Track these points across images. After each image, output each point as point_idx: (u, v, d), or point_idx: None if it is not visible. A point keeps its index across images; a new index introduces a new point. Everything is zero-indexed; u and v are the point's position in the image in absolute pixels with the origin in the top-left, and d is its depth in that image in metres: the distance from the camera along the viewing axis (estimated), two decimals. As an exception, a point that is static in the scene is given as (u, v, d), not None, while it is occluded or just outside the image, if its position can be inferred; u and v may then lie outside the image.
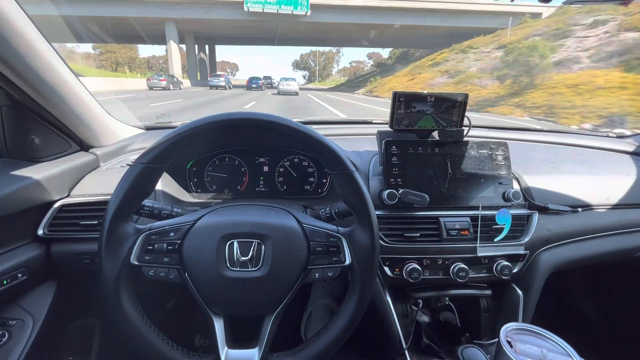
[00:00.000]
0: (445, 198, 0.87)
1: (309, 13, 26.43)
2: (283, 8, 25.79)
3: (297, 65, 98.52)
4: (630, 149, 1.23)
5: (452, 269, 0.84)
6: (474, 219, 0.86)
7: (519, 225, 0.89)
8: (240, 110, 0.60)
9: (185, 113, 9.02)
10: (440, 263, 0.85)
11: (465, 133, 0.88)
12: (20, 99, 0.76)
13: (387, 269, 0.85)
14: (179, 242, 0.60)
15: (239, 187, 1.05)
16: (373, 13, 26.53)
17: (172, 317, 1.25)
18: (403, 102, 0.85)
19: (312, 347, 0.63)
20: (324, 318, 1.20)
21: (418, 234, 0.85)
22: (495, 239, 0.86)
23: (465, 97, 0.86)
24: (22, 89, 0.73)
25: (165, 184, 0.92)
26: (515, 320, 0.88)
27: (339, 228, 0.64)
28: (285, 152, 1.05)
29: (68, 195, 0.86)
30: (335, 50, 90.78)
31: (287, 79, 21.35)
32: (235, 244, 0.60)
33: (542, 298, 0.92)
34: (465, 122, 0.89)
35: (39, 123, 0.83)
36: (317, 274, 0.63)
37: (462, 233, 0.85)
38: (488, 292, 0.95)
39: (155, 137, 0.59)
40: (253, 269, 0.59)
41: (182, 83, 23.12)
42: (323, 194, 1.06)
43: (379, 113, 10.63)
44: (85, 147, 0.96)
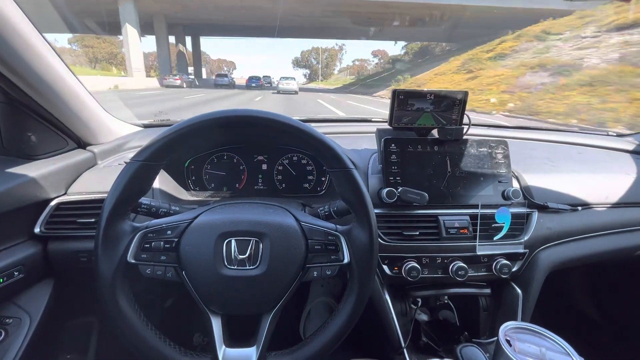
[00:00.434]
0: (445, 196, 0.87)
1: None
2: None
3: (297, 63, 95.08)
4: (630, 148, 1.23)
5: (451, 268, 0.84)
6: (474, 218, 0.85)
7: (519, 224, 0.88)
8: (238, 108, 0.59)
9: (188, 110, 9.03)
10: (440, 262, 0.85)
11: (465, 131, 0.88)
12: (17, 96, 0.76)
13: (386, 268, 0.85)
14: (176, 240, 0.59)
15: (238, 185, 1.05)
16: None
17: (170, 315, 1.24)
18: (402, 99, 0.84)
19: (310, 345, 0.62)
20: (323, 316, 1.20)
21: (417, 233, 0.84)
22: (495, 238, 0.86)
23: (465, 94, 0.86)
24: (18, 86, 0.72)
25: (163, 182, 0.92)
26: (514, 319, 0.87)
27: (338, 226, 0.64)
28: (284, 150, 1.05)
29: (65, 193, 0.85)
30: (338, 47, 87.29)
31: (286, 78, 21.92)
32: (233, 242, 0.59)
33: (541, 297, 0.91)
34: (465, 120, 0.88)
35: (36, 120, 0.82)
36: (315, 273, 0.62)
37: (461, 231, 0.84)
38: (487, 290, 0.95)
39: (152, 134, 0.58)
40: (251, 268, 0.59)
41: (195, 81, 27.66)
42: (322, 192, 1.06)
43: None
44: (83, 144, 0.95)
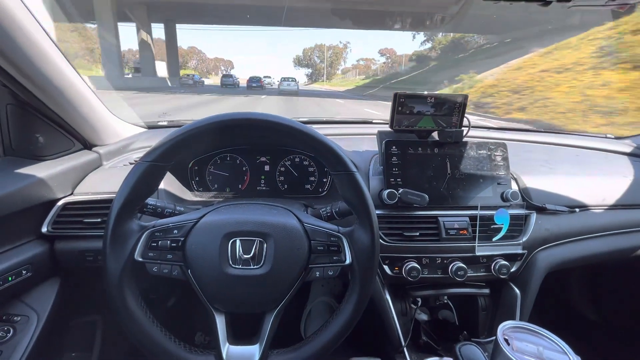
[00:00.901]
0: (445, 198, 0.88)
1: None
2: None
3: (299, 62, 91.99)
4: (628, 150, 1.24)
5: (450, 268, 0.85)
6: (473, 219, 0.87)
7: (517, 225, 0.90)
8: (243, 111, 0.61)
9: (190, 111, 8.97)
10: (439, 262, 0.86)
11: (465, 134, 0.89)
12: (25, 98, 0.77)
13: (386, 268, 0.86)
14: (182, 239, 0.61)
15: (240, 186, 1.06)
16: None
17: (172, 314, 1.25)
18: (404, 102, 0.86)
19: (312, 344, 0.64)
20: (324, 315, 1.21)
21: (417, 233, 0.86)
22: (494, 239, 0.87)
23: (465, 98, 0.87)
24: (27, 88, 0.74)
25: (167, 183, 0.93)
26: (513, 319, 0.89)
27: (340, 227, 0.65)
28: (286, 151, 1.06)
29: (71, 194, 0.87)
30: (343, 45, 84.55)
31: (287, 79, 22.36)
32: (238, 242, 0.61)
33: (539, 297, 0.93)
34: (465, 122, 0.90)
35: (43, 122, 0.83)
36: (317, 273, 0.64)
37: (461, 232, 0.86)
38: (486, 290, 0.96)
39: (157, 135, 0.60)
40: (255, 267, 0.60)
41: (204, 81, 30.40)
42: (323, 194, 1.07)
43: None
44: (89, 145, 0.97)
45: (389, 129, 0.90)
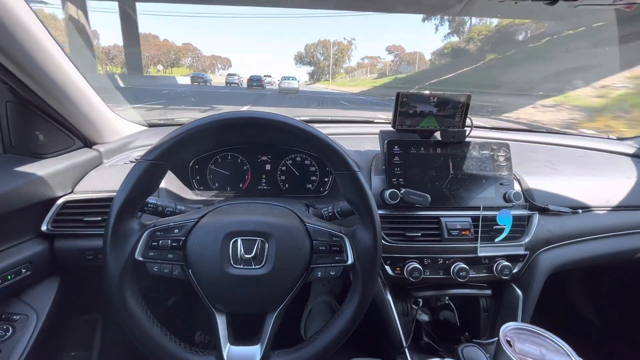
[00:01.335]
0: (447, 198, 0.88)
1: None
2: None
3: (300, 60, 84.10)
4: (631, 151, 1.24)
5: (452, 269, 0.84)
6: (475, 219, 0.86)
7: (520, 226, 0.89)
8: (245, 110, 0.60)
9: (191, 109, 8.92)
10: (441, 263, 0.85)
11: (467, 134, 0.89)
12: (25, 96, 0.77)
13: (388, 268, 0.86)
14: (183, 238, 0.60)
15: (241, 185, 1.06)
16: None
17: (173, 314, 1.25)
18: (406, 102, 0.85)
19: (313, 344, 0.63)
20: (324, 316, 1.21)
21: (419, 234, 0.85)
22: (496, 240, 0.87)
23: (468, 98, 0.87)
24: (27, 86, 0.74)
25: (168, 182, 0.93)
26: (515, 320, 0.88)
27: (342, 228, 0.65)
28: (288, 150, 1.06)
29: (71, 192, 0.86)
30: (347, 42, 77.11)
31: (287, 78, 22.85)
32: (239, 242, 0.60)
33: (541, 298, 0.92)
34: (467, 123, 0.89)
35: (43, 119, 0.83)
36: (319, 273, 0.63)
37: (463, 233, 0.85)
38: (488, 291, 0.96)
39: (158, 134, 0.60)
40: (256, 267, 0.60)
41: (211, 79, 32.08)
42: (325, 193, 1.06)
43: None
44: (89, 143, 0.96)
45: (391, 129, 0.90)
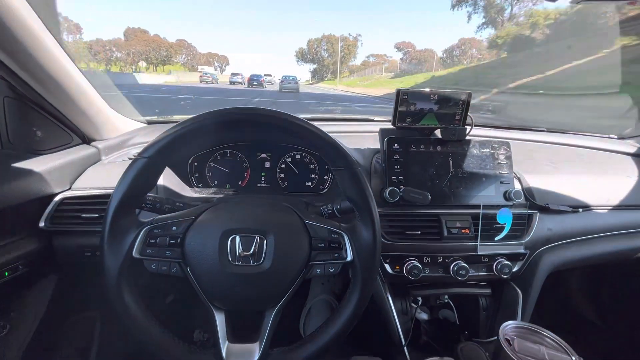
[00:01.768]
0: (447, 196, 0.87)
1: None
2: None
3: (302, 57, 76.76)
4: (632, 151, 1.23)
5: (452, 267, 0.84)
6: (475, 218, 0.86)
7: (520, 225, 0.89)
8: (244, 106, 0.60)
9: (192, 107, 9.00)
10: (441, 261, 0.85)
11: (468, 132, 0.88)
12: (23, 91, 0.76)
13: (387, 266, 0.85)
14: (181, 236, 0.60)
15: (241, 182, 1.05)
16: None
17: (171, 311, 1.25)
18: (406, 99, 0.85)
19: (312, 342, 0.63)
20: (323, 314, 1.21)
21: (419, 232, 0.85)
22: (496, 238, 0.86)
23: (469, 95, 0.86)
24: (25, 81, 0.73)
25: (167, 178, 0.92)
26: (514, 319, 0.88)
27: (341, 224, 0.65)
28: (287, 148, 1.05)
29: (69, 188, 0.86)
30: (353, 38, 69.12)
31: (288, 77, 23.16)
32: (238, 239, 0.60)
33: (541, 297, 0.92)
34: (468, 120, 0.89)
35: (42, 115, 0.82)
36: (318, 270, 0.63)
37: (462, 231, 0.85)
38: (487, 290, 0.96)
39: (157, 131, 0.59)
40: (255, 264, 0.59)
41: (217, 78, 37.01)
42: (324, 191, 1.06)
43: None
44: (87, 140, 0.96)
45: (392, 127, 0.89)
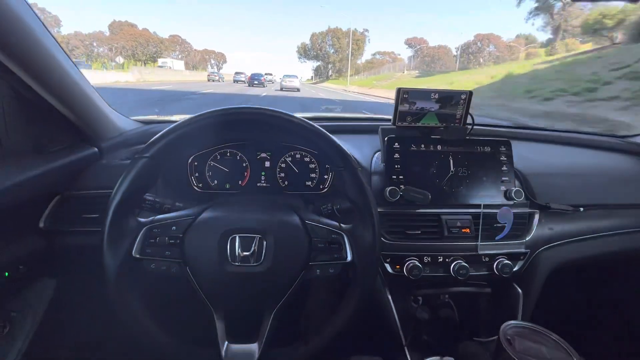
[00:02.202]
0: (447, 196, 0.87)
1: None
2: None
3: (304, 53, 68.07)
4: (634, 150, 1.23)
5: (452, 267, 0.84)
6: (476, 217, 0.86)
7: (521, 224, 0.89)
8: (243, 105, 0.60)
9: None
10: (441, 260, 0.85)
11: (469, 131, 0.88)
12: (24, 91, 0.76)
13: (387, 266, 0.85)
14: (181, 235, 0.60)
15: (240, 182, 1.05)
16: None
17: (171, 311, 1.25)
18: (407, 98, 0.85)
19: (312, 342, 0.63)
20: (323, 313, 1.21)
21: (419, 232, 0.85)
22: (497, 238, 0.86)
23: (469, 94, 0.86)
24: (25, 81, 0.73)
25: (166, 178, 0.92)
26: (515, 319, 0.87)
27: (341, 225, 0.64)
28: (287, 147, 1.05)
29: (70, 188, 0.86)
30: (360, 33, 60.60)
31: (289, 76, 23.41)
32: (237, 239, 0.60)
33: (542, 297, 0.92)
34: (469, 120, 0.89)
35: (42, 115, 0.82)
36: (318, 271, 0.63)
37: (463, 231, 0.85)
38: (488, 290, 0.95)
39: (157, 130, 0.59)
40: (254, 264, 0.59)
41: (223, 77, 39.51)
42: (324, 190, 1.06)
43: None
44: (88, 140, 0.96)
45: (392, 126, 0.89)
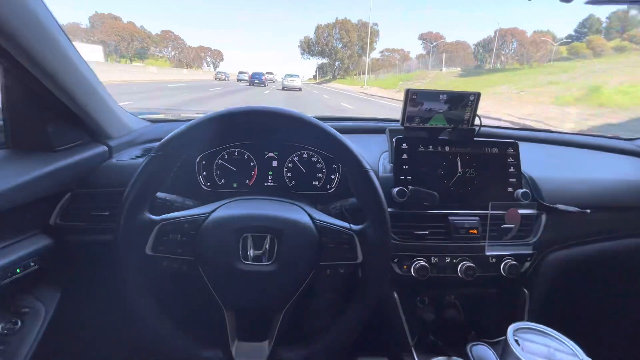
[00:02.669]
0: (455, 197, 0.87)
1: None
2: None
3: (308, 48, 61.59)
4: None
5: (459, 267, 0.84)
6: (483, 218, 0.86)
7: (528, 225, 0.89)
8: (255, 105, 0.60)
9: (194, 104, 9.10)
10: (449, 261, 0.85)
11: (476, 132, 0.88)
12: (35, 89, 0.77)
13: (395, 266, 0.85)
14: (193, 233, 0.60)
15: (248, 181, 1.05)
16: None
17: (182, 308, 1.26)
18: (415, 99, 0.85)
19: (321, 342, 0.63)
20: (333, 313, 1.21)
21: (427, 232, 0.85)
22: (504, 238, 0.86)
23: (477, 95, 0.86)
24: (37, 79, 0.74)
25: (175, 177, 0.93)
26: (522, 319, 0.88)
27: (352, 225, 0.65)
28: (294, 147, 1.05)
29: (80, 186, 0.87)
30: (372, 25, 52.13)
31: (290, 75, 23.35)
32: (250, 238, 0.60)
33: (549, 298, 0.92)
34: (476, 121, 0.89)
35: (52, 113, 0.83)
36: (328, 271, 0.63)
37: (470, 232, 0.85)
38: (494, 290, 0.95)
39: (167, 129, 0.60)
40: (266, 263, 0.60)
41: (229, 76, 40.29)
42: (331, 190, 1.06)
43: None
44: (98, 138, 0.96)
45: (400, 127, 0.89)
